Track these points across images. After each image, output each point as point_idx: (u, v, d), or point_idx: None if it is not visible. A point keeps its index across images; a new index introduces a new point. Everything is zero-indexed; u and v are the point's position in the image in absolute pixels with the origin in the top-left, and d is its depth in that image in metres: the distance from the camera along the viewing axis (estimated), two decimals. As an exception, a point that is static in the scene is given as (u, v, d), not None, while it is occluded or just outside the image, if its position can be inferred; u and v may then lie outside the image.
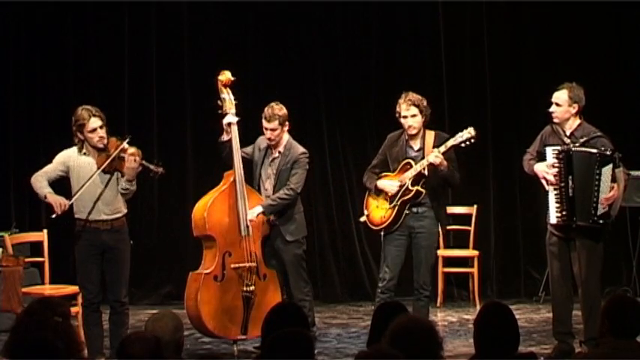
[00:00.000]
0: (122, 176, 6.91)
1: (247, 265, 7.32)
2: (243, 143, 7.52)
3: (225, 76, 7.48)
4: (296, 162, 7.43)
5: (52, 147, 9.72)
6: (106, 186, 6.89)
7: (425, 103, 7.28)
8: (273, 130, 7.41)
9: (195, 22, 9.90)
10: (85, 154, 6.92)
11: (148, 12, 9.88)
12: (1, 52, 9.81)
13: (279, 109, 7.44)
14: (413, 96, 7.25)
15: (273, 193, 7.44)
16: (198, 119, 9.82)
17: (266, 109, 7.44)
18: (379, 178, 7.37)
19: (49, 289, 7.91)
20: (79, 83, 9.86)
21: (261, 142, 7.56)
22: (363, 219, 7.50)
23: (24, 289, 7.44)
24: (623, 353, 4.40)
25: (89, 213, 6.87)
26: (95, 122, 6.85)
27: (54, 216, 6.85)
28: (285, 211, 7.44)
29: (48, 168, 7.02)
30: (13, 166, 9.85)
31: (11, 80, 9.86)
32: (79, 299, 7.81)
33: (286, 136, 7.52)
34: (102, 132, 6.86)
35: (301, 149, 7.51)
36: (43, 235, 8.26)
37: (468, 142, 7.25)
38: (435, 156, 7.13)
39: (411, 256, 7.35)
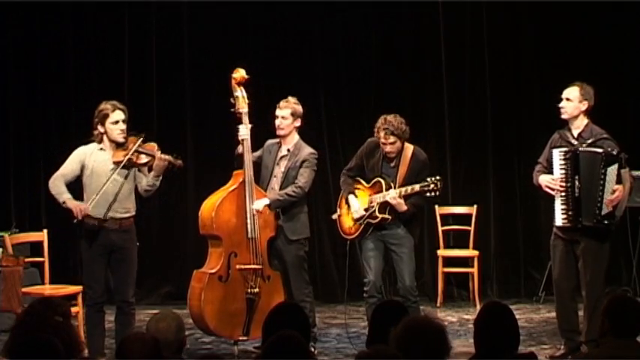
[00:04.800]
0: (139, 171, 6.92)
1: (253, 266, 7.30)
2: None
3: (240, 74, 7.46)
4: (305, 161, 7.40)
5: (51, 147, 9.77)
6: (121, 185, 6.87)
7: (404, 127, 7.16)
8: (283, 117, 7.40)
9: (195, 22, 9.90)
10: (102, 149, 6.92)
11: (148, 12, 9.89)
12: (1, 52, 9.81)
13: (294, 101, 7.46)
14: (391, 124, 7.14)
15: None
16: (199, 119, 9.83)
17: (282, 100, 7.47)
18: (354, 186, 7.41)
19: (49, 289, 7.91)
20: (79, 83, 9.87)
21: (270, 145, 7.54)
22: (334, 217, 7.57)
23: (24, 289, 7.43)
24: (624, 353, 4.40)
25: (106, 211, 6.85)
26: (119, 115, 6.88)
27: (75, 221, 6.81)
28: (290, 210, 7.41)
29: (65, 170, 6.94)
30: (13, 166, 9.86)
31: (11, 80, 9.87)
32: (79, 299, 7.82)
33: (296, 136, 7.50)
34: (123, 125, 6.88)
35: (310, 150, 7.49)
36: (43, 235, 8.26)
37: (433, 193, 7.14)
38: (392, 197, 7.13)
39: (391, 260, 7.37)
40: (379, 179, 7.28)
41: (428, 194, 7.15)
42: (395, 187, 7.18)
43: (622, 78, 9.76)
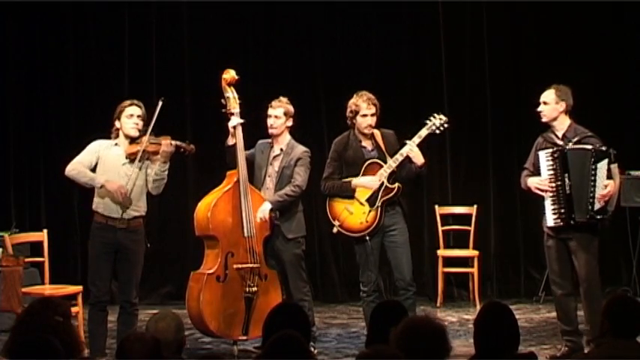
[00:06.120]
0: (152, 163, 6.94)
1: (250, 265, 7.30)
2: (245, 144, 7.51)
3: (230, 74, 7.47)
4: (299, 160, 7.41)
5: (51, 147, 9.78)
6: (134, 182, 6.87)
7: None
8: (276, 117, 7.41)
9: (195, 22, 9.91)
10: (116, 144, 6.94)
11: (148, 12, 9.89)
12: (1, 52, 9.81)
13: (286, 101, 7.49)
14: (370, 95, 7.31)
15: (275, 192, 7.42)
16: (199, 119, 9.83)
17: (274, 100, 7.49)
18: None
19: (49, 289, 7.90)
20: (79, 83, 9.87)
21: (262, 145, 7.56)
22: (335, 230, 7.32)
23: (24, 289, 7.43)
24: (623, 353, 4.40)
25: (123, 211, 6.85)
26: (134, 109, 6.94)
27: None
28: (287, 209, 7.43)
29: (82, 158, 6.93)
30: (12, 166, 9.86)
31: (11, 80, 9.87)
32: (79, 299, 7.82)
33: (288, 136, 7.52)
34: (138, 120, 6.92)
35: (303, 148, 7.50)
36: (43, 235, 8.26)
37: (442, 128, 7.29)
38: (409, 149, 7.16)
39: (386, 255, 7.34)
40: (372, 160, 7.27)
41: (438, 131, 7.28)
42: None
43: (621, 78, 9.76)
